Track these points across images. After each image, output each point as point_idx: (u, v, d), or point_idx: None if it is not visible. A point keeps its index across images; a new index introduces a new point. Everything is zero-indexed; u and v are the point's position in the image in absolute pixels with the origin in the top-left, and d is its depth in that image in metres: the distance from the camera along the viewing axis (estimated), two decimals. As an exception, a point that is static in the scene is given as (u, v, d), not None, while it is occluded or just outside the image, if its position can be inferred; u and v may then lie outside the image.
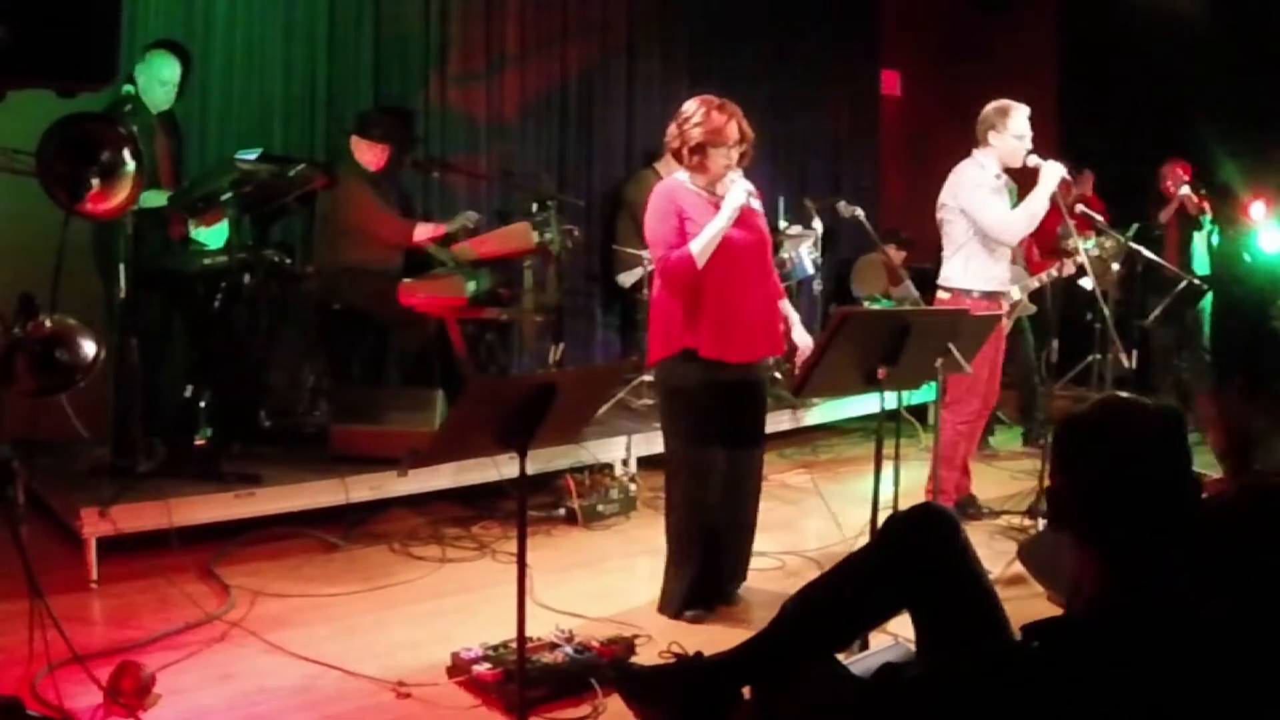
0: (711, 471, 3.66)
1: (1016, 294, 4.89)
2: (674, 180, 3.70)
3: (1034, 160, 4.51)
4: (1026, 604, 3.69)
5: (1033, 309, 5.55)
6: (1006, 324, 4.94)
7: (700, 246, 3.50)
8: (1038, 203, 4.49)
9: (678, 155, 3.64)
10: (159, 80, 4.65)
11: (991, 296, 4.63)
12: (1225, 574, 1.53)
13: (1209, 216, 7.12)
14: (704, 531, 3.67)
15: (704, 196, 3.63)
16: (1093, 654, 1.43)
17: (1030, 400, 6.38)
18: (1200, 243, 7.21)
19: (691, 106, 3.62)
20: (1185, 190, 7.07)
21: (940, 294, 4.74)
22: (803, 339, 3.92)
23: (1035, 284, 5.14)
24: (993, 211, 4.55)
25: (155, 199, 4.49)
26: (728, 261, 3.56)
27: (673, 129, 3.65)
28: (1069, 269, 5.02)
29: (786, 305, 3.96)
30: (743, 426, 3.72)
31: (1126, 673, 1.42)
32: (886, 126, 8.85)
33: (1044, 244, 6.15)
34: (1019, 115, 4.57)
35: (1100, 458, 1.59)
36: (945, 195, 4.69)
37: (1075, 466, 1.62)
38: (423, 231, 5.25)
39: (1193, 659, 1.42)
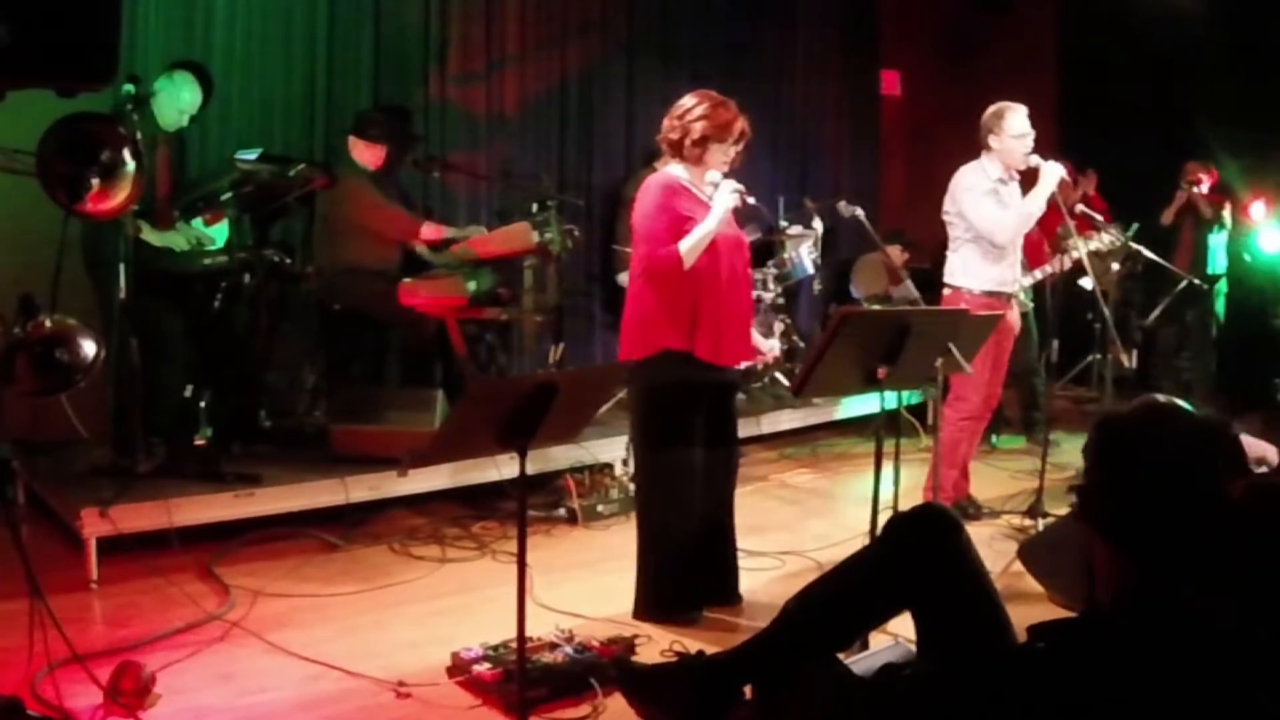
0: (689, 475, 3.62)
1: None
2: (668, 174, 3.62)
3: (1034, 160, 4.53)
4: (1027, 604, 3.69)
5: (1029, 305, 5.54)
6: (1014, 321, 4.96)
7: (689, 246, 3.45)
8: (1035, 203, 4.53)
9: (676, 147, 3.58)
10: (177, 103, 4.60)
11: (992, 296, 4.64)
12: (1229, 575, 1.53)
13: (1227, 214, 7.12)
14: (689, 537, 3.62)
15: (699, 194, 3.59)
16: (1102, 657, 1.42)
17: (1031, 398, 6.37)
18: (1216, 243, 7.21)
19: (692, 100, 3.58)
20: (1196, 190, 7.07)
21: (944, 290, 4.81)
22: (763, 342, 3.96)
23: (1029, 280, 5.14)
24: (984, 212, 4.58)
25: (151, 236, 4.48)
26: (714, 262, 3.52)
27: (671, 121, 3.59)
28: (1064, 265, 5.02)
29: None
30: (719, 429, 3.70)
31: (1133, 676, 1.41)
32: (886, 126, 8.86)
33: (1054, 244, 6.11)
34: (1015, 116, 4.59)
35: (1138, 460, 1.58)
36: (947, 198, 4.74)
37: (1111, 466, 1.61)
38: (430, 229, 5.25)
39: (1200, 664, 1.42)
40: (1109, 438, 1.64)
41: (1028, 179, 4.62)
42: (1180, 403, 1.65)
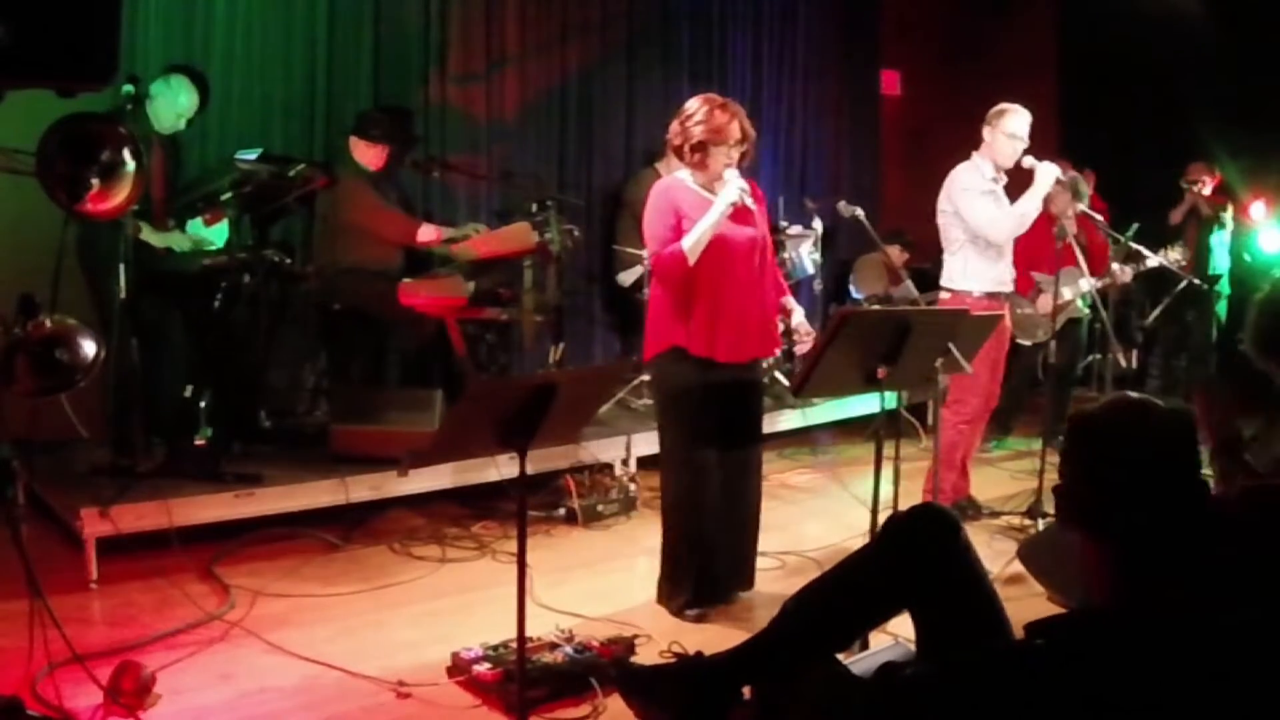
0: (706, 471, 3.66)
1: (1067, 294, 4.88)
2: (673, 178, 3.70)
3: (1029, 162, 4.53)
4: (1026, 604, 3.69)
5: (1085, 312, 5.54)
6: (1055, 323, 4.96)
7: (691, 243, 3.49)
8: (1029, 204, 4.53)
9: (679, 152, 3.65)
10: (175, 107, 4.59)
11: (992, 296, 4.65)
12: (1230, 577, 1.53)
13: (1229, 215, 7.13)
14: (699, 531, 3.67)
15: (703, 195, 3.63)
16: (1098, 653, 1.42)
17: (1062, 408, 6.32)
18: (1219, 242, 7.21)
19: (694, 104, 3.63)
20: (1197, 189, 7.08)
21: (942, 294, 4.77)
22: (804, 324, 3.91)
23: (1085, 286, 5.14)
24: (981, 212, 4.58)
25: (151, 235, 4.49)
26: (722, 260, 3.56)
27: (675, 126, 3.65)
28: (1125, 276, 5.05)
29: (789, 299, 3.96)
30: (736, 426, 3.72)
31: (1131, 673, 1.41)
32: (886, 126, 8.85)
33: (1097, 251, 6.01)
34: (1015, 116, 4.60)
35: (1112, 458, 1.58)
36: (942, 198, 4.72)
37: (1086, 465, 1.62)
38: (427, 232, 5.25)
39: (1198, 662, 1.42)
40: (1081, 435, 1.65)
41: (1025, 181, 4.61)
42: (1150, 398, 1.66)
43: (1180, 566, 1.52)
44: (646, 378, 5.50)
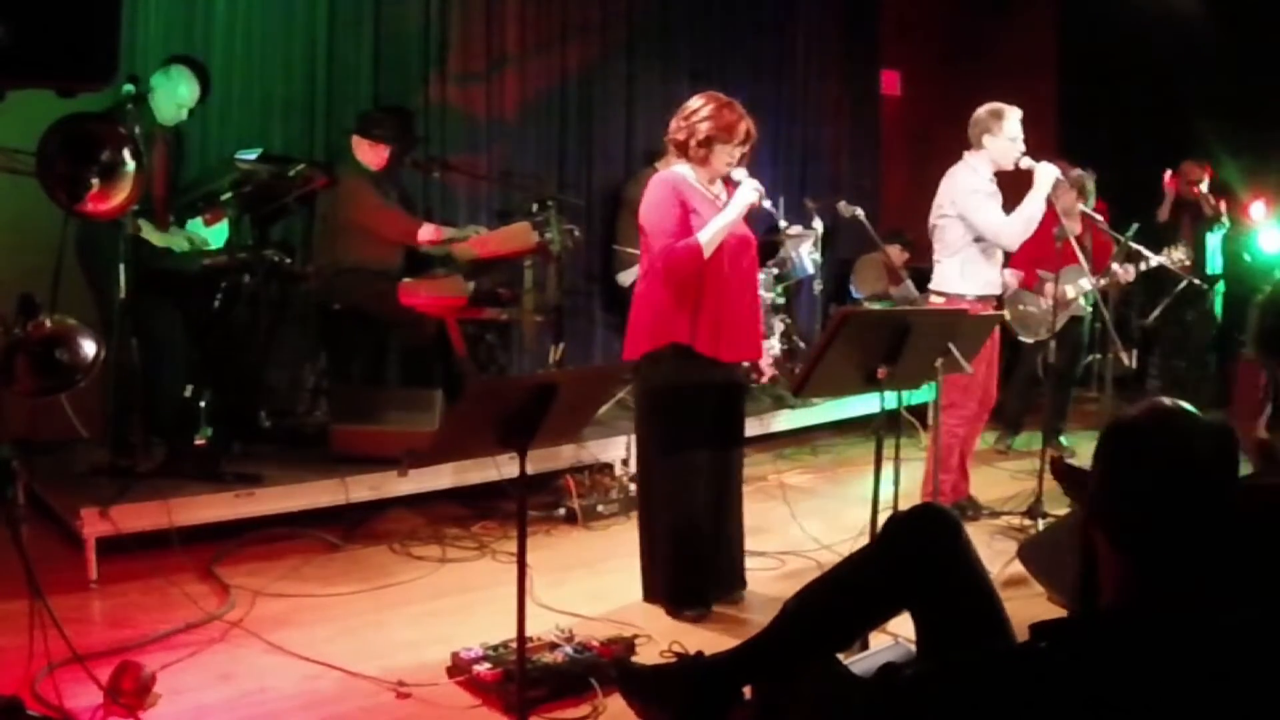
0: (697, 471, 3.64)
1: (1071, 292, 4.88)
2: (672, 172, 3.66)
3: (1027, 163, 4.51)
4: (1026, 604, 3.69)
5: (1088, 310, 5.52)
6: (1059, 320, 4.96)
7: (709, 237, 3.49)
8: (1033, 206, 4.51)
9: (683, 147, 3.61)
10: (175, 98, 4.59)
11: (983, 299, 4.64)
12: (1230, 577, 1.52)
13: (1225, 216, 7.15)
14: (691, 531, 3.65)
15: (705, 192, 3.63)
16: (1105, 657, 1.42)
17: (1063, 408, 6.32)
18: (1215, 243, 7.22)
19: (699, 101, 3.61)
20: (1196, 189, 7.09)
21: (934, 298, 4.73)
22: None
23: (1087, 285, 5.14)
24: (991, 216, 4.55)
25: (151, 233, 4.49)
26: (726, 259, 3.56)
27: (678, 121, 3.62)
28: (1129, 275, 5.07)
29: None
30: (724, 426, 3.72)
31: (1131, 674, 1.41)
32: (886, 126, 8.86)
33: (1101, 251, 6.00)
34: (1013, 117, 4.58)
35: (1148, 467, 1.55)
36: (941, 200, 4.69)
37: (1117, 472, 1.60)
38: (427, 232, 5.25)
39: (1198, 662, 1.42)
40: (1121, 442, 1.62)
41: (1021, 182, 4.60)
42: (1186, 406, 1.63)
43: (1197, 575, 1.50)
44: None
